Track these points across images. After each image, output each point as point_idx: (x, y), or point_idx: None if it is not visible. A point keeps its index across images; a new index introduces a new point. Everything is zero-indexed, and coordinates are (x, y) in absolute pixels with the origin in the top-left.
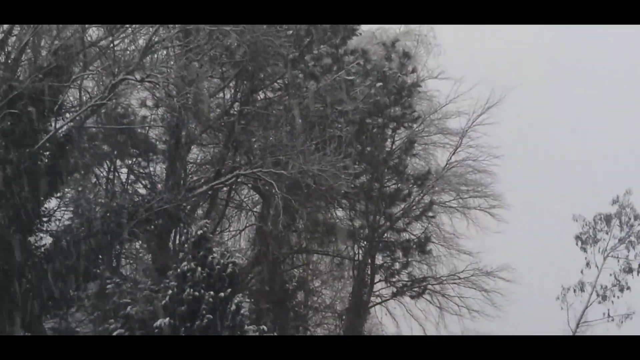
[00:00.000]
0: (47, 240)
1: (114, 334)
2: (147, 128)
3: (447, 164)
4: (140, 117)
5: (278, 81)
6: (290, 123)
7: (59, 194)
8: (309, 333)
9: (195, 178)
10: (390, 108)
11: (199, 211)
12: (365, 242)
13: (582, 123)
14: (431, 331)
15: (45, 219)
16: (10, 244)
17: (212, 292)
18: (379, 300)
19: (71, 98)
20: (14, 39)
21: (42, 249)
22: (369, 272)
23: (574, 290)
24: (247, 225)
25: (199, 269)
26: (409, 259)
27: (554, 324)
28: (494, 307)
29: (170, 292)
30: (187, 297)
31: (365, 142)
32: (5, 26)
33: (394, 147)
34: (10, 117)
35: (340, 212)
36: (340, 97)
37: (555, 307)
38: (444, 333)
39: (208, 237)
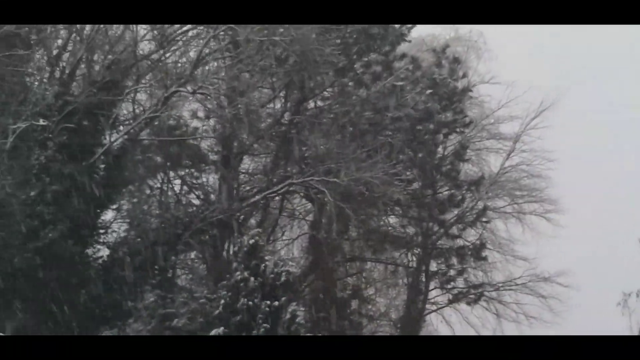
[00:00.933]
0: (105, 252)
1: None
2: (199, 139)
3: (500, 169)
4: (192, 128)
5: (328, 90)
6: (340, 131)
7: (114, 206)
8: None
9: (247, 188)
10: (442, 114)
11: (252, 221)
12: (419, 249)
13: (637, 124)
14: None
15: (102, 231)
16: (69, 257)
17: (267, 302)
18: (434, 307)
19: (125, 111)
20: (67, 54)
21: (100, 261)
22: (423, 279)
23: (637, 296)
24: (300, 234)
25: (252, 278)
26: (464, 266)
27: (614, 330)
28: (552, 314)
29: (223, 302)
30: (242, 307)
31: (416, 148)
32: (60, 42)
33: (446, 152)
34: (67, 132)
35: (393, 219)
36: (391, 104)
37: (616, 313)
38: None
39: (261, 246)
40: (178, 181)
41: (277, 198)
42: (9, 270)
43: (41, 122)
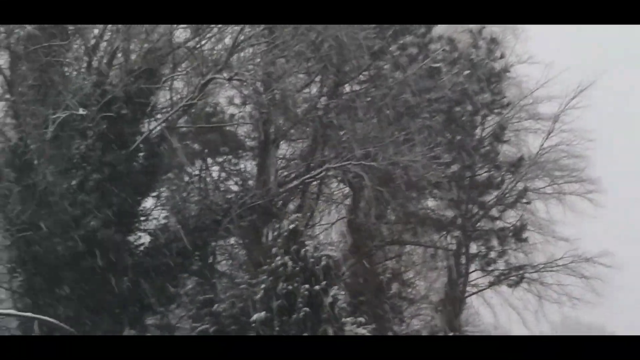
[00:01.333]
0: (146, 239)
1: (196, 331)
2: (236, 126)
3: (539, 149)
4: (228, 115)
5: (364, 73)
6: (377, 115)
7: (154, 194)
8: (404, 325)
9: (285, 173)
10: (480, 95)
11: (291, 206)
12: (458, 232)
13: None
14: (530, 320)
15: (142, 219)
16: (111, 244)
17: (307, 286)
18: (474, 290)
19: (162, 99)
20: (105, 44)
21: (142, 248)
22: (463, 262)
23: None
24: (338, 218)
25: (292, 263)
26: (505, 248)
27: None
28: (595, 294)
29: (263, 286)
30: (281, 291)
31: (455, 130)
32: (97, 31)
33: (484, 134)
34: (106, 120)
35: (431, 202)
36: (428, 86)
37: None
38: (543, 321)
39: (300, 231)
40: (216, 168)
41: (314, 183)
42: (54, 259)
43: (81, 111)
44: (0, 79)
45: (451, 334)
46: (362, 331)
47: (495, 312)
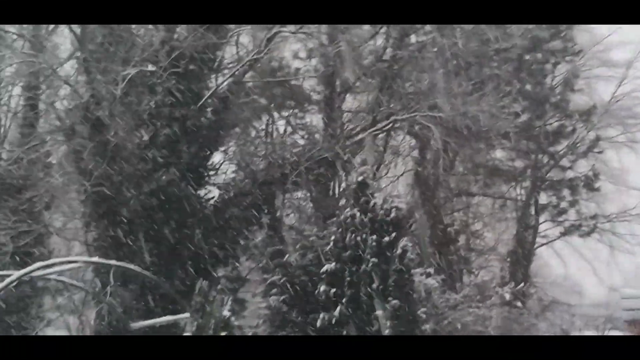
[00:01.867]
0: (215, 193)
1: (269, 281)
2: (301, 80)
3: (612, 97)
4: (294, 69)
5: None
6: (445, 65)
7: (223, 148)
8: (472, 277)
9: (351, 126)
10: (550, 42)
11: (358, 159)
12: (528, 182)
13: None
14: (602, 271)
15: (212, 173)
16: (182, 198)
17: (374, 237)
18: (544, 241)
19: (228, 55)
20: None
21: (212, 202)
22: (533, 213)
23: None
24: (405, 170)
25: (360, 214)
26: (576, 198)
27: None
28: None
29: (333, 238)
30: (350, 243)
31: (524, 79)
32: None
33: (554, 82)
34: (174, 76)
35: (500, 153)
36: (496, 35)
37: None
38: (615, 272)
39: (368, 184)
40: (282, 122)
41: (381, 135)
42: (127, 213)
43: (149, 67)
44: (71, 37)
45: (521, 285)
46: (432, 281)
47: (566, 263)
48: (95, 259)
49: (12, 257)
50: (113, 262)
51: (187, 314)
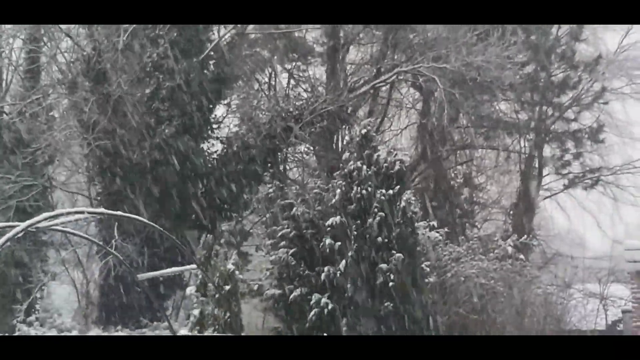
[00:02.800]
0: (218, 146)
1: (279, 234)
2: (304, 31)
3: (618, 47)
4: None
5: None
6: None
7: (225, 102)
8: (475, 230)
9: (355, 79)
10: None
11: (361, 112)
12: (532, 134)
13: None
14: (606, 223)
15: (215, 126)
16: (185, 151)
17: (383, 190)
18: (548, 193)
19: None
20: None
21: (215, 155)
22: (536, 165)
23: None
24: (409, 123)
25: (365, 167)
26: (580, 150)
27: None
28: None
29: (338, 191)
30: (356, 196)
31: (529, 29)
32: None
33: (560, 33)
34: (176, 28)
35: (504, 105)
36: None
37: None
38: (619, 224)
39: (372, 136)
40: (285, 75)
41: (385, 88)
42: (130, 166)
43: None
44: None
45: (524, 237)
46: (435, 234)
47: (569, 216)
48: (101, 209)
49: (15, 211)
50: (119, 213)
51: (193, 265)
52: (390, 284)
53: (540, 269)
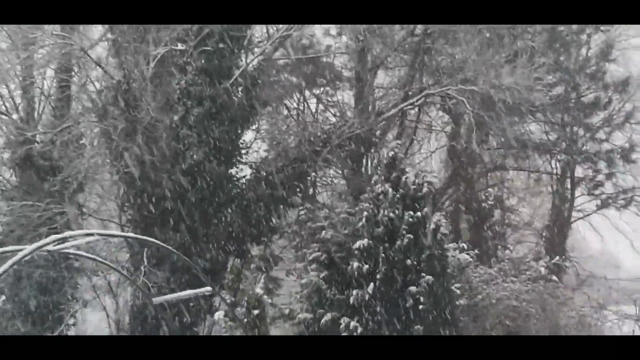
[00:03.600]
0: (247, 171)
1: (310, 257)
2: (332, 56)
3: None
4: (325, 46)
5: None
6: (477, 37)
7: (254, 127)
8: (507, 252)
9: (383, 102)
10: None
11: (389, 135)
12: (563, 155)
13: None
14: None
15: (243, 151)
16: (214, 177)
17: (410, 212)
18: (581, 214)
19: (258, 32)
20: None
21: (243, 180)
22: (568, 187)
23: None
24: (438, 147)
25: (392, 190)
26: (613, 170)
27: None
28: None
29: (365, 214)
30: (383, 218)
31: (558, 50)
32: None
33: (590, 53)
34: (204, 55)
35: (534, 126)
36: None
37: None
38: None
39: (400, 158)
40: (314, 100)
41: (413, 111)
42: (161, 193)
43: (179, 46)
44: None
45: (556, 258)
46: (465, 256)
47: (603, 237)
48: (112, 232)
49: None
50: (131, 235)
51: (208, 288)
52: (420, 307)
53: (573, 291)
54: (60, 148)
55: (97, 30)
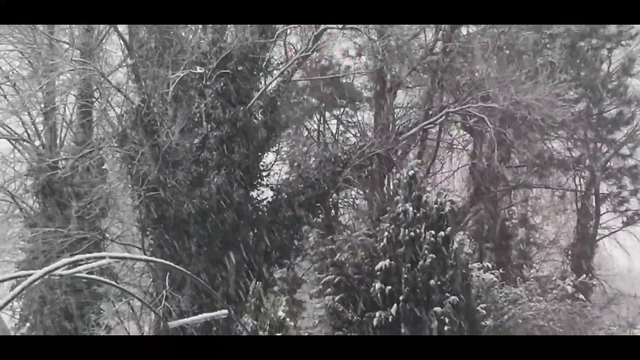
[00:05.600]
0: (268, 193)
1: (323, 281)
2: (352, 77)
3: None
4: (344, 67)
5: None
6: (496, 54)
7: (274, 149)
8: (532, 271)
9: (403, 122)
10: (605, 27)
11: (410, 155)
12: (587, 172)
13: None
14: None
15: (264, 174)
16: (235, 200)
17: (433, 232)
18: (606, 232)
19: (277, 55)
20: None
21: (265, 202)
22: (593, 204)
23: None
24: (460, 165)
25: (413, 209)
26: (638, 186)
27: None
28: None
29: (386, 234)
30: (404, 238)
31: (579, 66)
32: None
33: (611, 69)
34: (223, 78)
35: (557, 143)
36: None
37: None
38: None
39: (420, 178)
40: (334, 121)
41: (434, 130)
42: (182, 216)
43: (198, 70)
44: (121, 43)
45: (583, 277)
46: (490, 276)
47: (630, 254)
48: (125, 254)
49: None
50: (144, 257)
51: (225, 311)
52: (446, 327)
53: (601, 309)
54: (82, 174)
55: (116, 56)
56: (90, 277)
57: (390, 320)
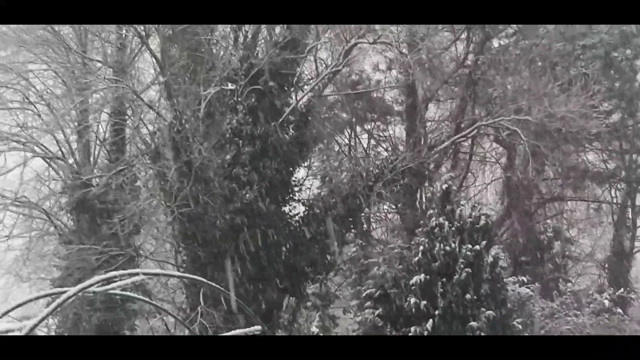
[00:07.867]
0: (300, 209)
1: (364, 294)
2: (382, 91)
3: None
4: (374, 81)
5: (512, 25)
6: (529, 66)
7: (306, 164)
8: (569, 284)
9: (435, 135)
10: (638, 37)
11: (443, 169)
12: (623, 184)
13: None
14: None
15: (296, 189)
16: (267, 216)
17: (469, 246)
18: None
19: (307, 70)
20: None
21: (297, 218)
22: (629, 216)
23: None
24: (493, 179)
25: (447, 223)
26: None
27: None
28: None
29: (421, 248)
30: (439, 252)
31: (613, 77)
32: None
33: None
34: (254, 94)
35: (591, 155)
36: (582, 31)
37: None
38: None
39: (454, 191)
40: (365, 135)
41: (466, 143)
42: (214, 233)
43: (229, 86)
44: (153, 61)
45: (620, 290)
46: (526, 290)
47: None
48: (158, 270)
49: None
50: (177, 274)
51: (258, 327)
52: None
53: None
54: (116, 191)
55: (149, 73)
56: (124, 293)
57: (426, 335)
